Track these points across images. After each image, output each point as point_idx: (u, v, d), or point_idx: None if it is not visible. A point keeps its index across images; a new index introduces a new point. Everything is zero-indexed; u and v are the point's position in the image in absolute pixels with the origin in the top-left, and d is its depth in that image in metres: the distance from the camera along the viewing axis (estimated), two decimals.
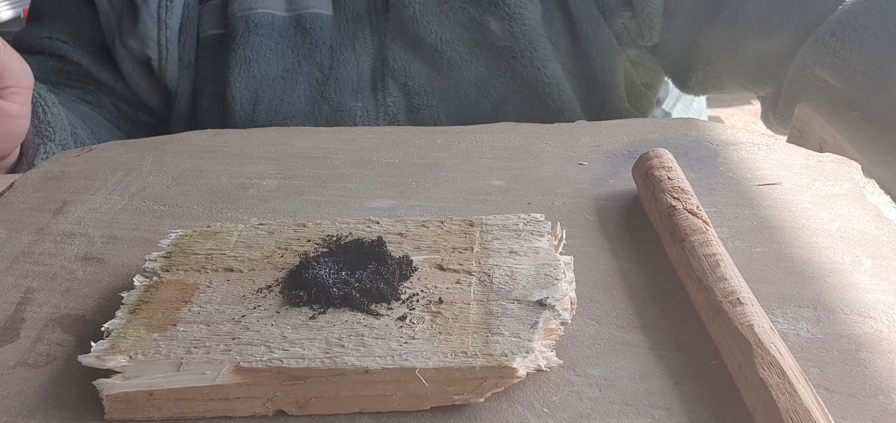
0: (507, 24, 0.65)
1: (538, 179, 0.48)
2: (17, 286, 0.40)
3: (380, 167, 0.50)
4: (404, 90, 0.66)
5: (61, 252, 0.42)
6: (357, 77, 0.66)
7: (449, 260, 0.36)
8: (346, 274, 0.35)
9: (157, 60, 0.66)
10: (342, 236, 0.38)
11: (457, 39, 0.65)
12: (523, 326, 0.31)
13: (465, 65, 0.66)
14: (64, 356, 0.35)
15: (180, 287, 0.35)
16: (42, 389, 0.33)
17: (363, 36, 0.67)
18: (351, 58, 0.66)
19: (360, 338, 0.31)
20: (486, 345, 0.30)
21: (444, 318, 0.32)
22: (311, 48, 0.66)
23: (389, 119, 0.66)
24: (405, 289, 0.34)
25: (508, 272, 0.34)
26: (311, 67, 0.66)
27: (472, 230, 0.38)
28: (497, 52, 0.66)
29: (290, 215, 0.45)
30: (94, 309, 0.38)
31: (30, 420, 0.31)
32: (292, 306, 0.33)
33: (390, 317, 0.32)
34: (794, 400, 0.27)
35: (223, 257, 0.37)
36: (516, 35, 0.65)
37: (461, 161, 0.50)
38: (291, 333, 0.32)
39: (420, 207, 0.45)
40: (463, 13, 0.66)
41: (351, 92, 0.66)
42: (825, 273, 0.37)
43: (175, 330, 0.32)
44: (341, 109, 0.66)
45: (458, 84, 0.66)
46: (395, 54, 0.66)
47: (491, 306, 0.32)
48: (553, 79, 0.66)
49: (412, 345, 0.31)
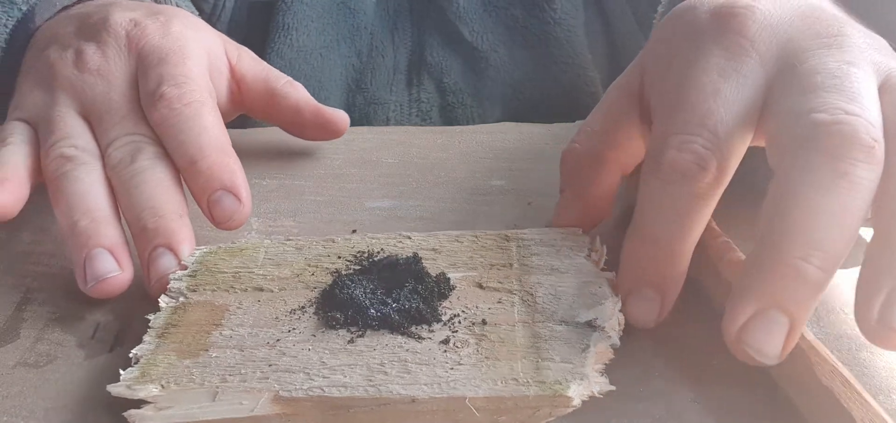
0: (551, 28, 0.64)
1: (538, 179, 0.47)
2: (18, 286, 0.39)
3: (380, 167, 0.49)
4: (440, 87, 0.65)
5: (62, 252, 0.41)
6: (393, 69, 0.65)
7: (488, 278, 0.34)
8: (382, 293, 0.33)
9: (210, 10, 0.64)
10: (373, 251, 0.37)
11: (498, 40, 0.64)
12: (574, 350, 0.30)
13: (503, 66, 0.65)
14: (64, 356, 0.34)
15: (209, 309, 0.34)
16: (42, 389, 0.33)
17: (403, 27, 0.66)
18: (389, 48, 0.65)
19: (404, 364, 0.30)
20: (537, 371, 0.29)
21: (489, 341, 0.31)
22: (351, 31, 0.65)
23: (422, 115, 0.65)
24: (445, 309, 0.33)
25: (552, 291, 0.33)
26: (349, 50, 0.65)
27: (508, 245, 0.37)
28: (537, 56, 0.65)
29: (290, 215, 0.44)
30: (95, 309, 0.37)
31: (30, 420, 0.31)
32: (329, 328, 0.32)
33: (433, 340, 0.31)
34: (867, 410, 0.27)
35: (251, 276, 0.35)
36: (560, 41, 0.64)
37: (461, 161, 0.50)
38: (330, 358, 0.30)
39: (420, 207, 0.45)
40: (506, 13, 0.64)
41: (386, 84, 0.65)
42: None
43: (207, 356, 0.31)
44: (376, 101, 0.65)
45: (494, 84, 0.65)
46: (433, 49, 0.65)
47: (537, 328, 0.31)
48: (590, 87, 0.66)
49: (459, 371, 0.29)
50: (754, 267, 0.29)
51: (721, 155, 0.31)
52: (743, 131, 0.32)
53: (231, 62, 0.48)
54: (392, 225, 0.43)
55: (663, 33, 0.38)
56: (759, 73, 0.33)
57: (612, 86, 0.40)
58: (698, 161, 0.31)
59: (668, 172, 0.32)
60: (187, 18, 0.46)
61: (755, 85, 0.33)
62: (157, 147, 0.40)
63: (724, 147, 0.32)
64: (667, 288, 0.32)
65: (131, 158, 0.39)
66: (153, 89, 0.41)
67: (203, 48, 0.45)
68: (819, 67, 0.32)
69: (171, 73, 0.41)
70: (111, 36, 0.43)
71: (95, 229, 0.37)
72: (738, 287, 0.29)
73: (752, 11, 0.34)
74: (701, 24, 0.35)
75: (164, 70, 0.41)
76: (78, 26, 0.45)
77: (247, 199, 0.39)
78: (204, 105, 0.41)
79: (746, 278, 0.29)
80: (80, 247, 0.36)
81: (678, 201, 0.32)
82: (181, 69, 0.42)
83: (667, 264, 0.32)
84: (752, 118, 0.33)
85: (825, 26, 0.34)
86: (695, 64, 0.34)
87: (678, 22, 0.37)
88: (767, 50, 0.33)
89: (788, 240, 0.28)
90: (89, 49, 0.43)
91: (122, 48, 0.43)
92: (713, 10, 0.35)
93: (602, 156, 0.38)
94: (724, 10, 0.35)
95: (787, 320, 0.28)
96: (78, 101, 0.42)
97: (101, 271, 0.36)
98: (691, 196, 0.31)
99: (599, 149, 0.38)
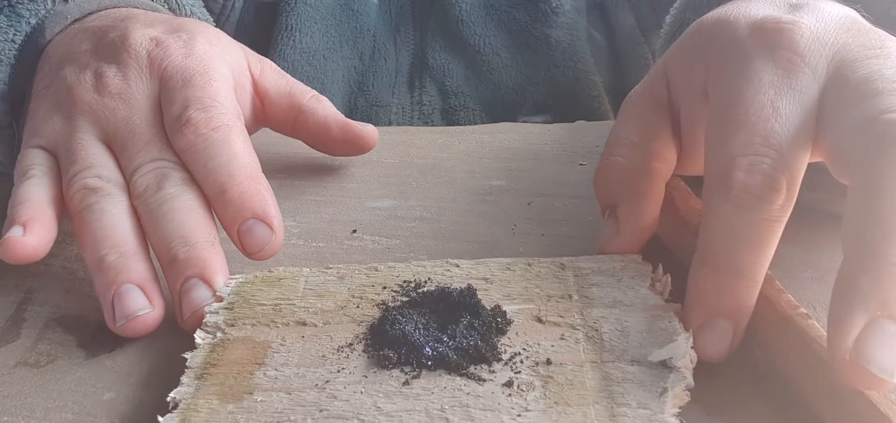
0: (554, 31, 0.64)
1: (538, 179, 0.47)
2: (18, 286, 0.39)
3: (380, 167, 0.49)
4: (441, 90, 0.65)
5: (62, 252, 0.41)
6: (395, 71, 0.65)
7: (547, 311, 0.32)
8: (435, 329, 0.31)
9: (219, 11, 0.62)
10: (421, 281, 0.35)
11: (500, 43, 0.64)
12: (650, 394, 0.28)
13: (505, 69, 0.64)
14: (65, 355, 0.34)
15: (250, 346, 0.31)
16: (42, 389, 0.33)
17: (405, 29, 0.65)
18: (391, 51, 0.65)
19: (466, 410, 0.27)
20: (612, 419, 0.27)
21: (556, 384, 0.28)
22: (354, 33, 0.64)
23: (424, 118, 0.65)
24: (505, 347, 0.30)
25: (618, 327, 0.31)
26: (351, 53, 0.64)
27: (564, 274, 0.35)
28: (538, 61, 0.65)
29: (291, 215, 0.43)
30: (96, 309, 0.36)
31: (30, 420, 0.31)
32: (381, 368, 0.30)
33: (494, 382, 0.29)
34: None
35: (293, 309, 0.33)
36: (562, 45, 0.64)
37: (461, 161, 0.49)
38: (385, 402, 0.28)
39: (420, 207, 0.45)
40: (509, 17, 0.64)
41: (388, 87, 0.64)
42: (824, 273, 0.37)
43: (252, 400, 0.29)
44: (378, 103, 0.64)
45: (496, 88, 0.65)
46: (435, 52, 0.65)
47: (607, 369, 0.29)
48: (593, 91, 0.65)
49: (527, 419, 0.27)
50: (854, 276, 0.27)
51: (790, 175, 0.30)
52: (804, 148, 0.31)
53: (254, 76, 0.46)
54: (392, 225, 0.43)
55: (691, 44, 0.37)
56: (813, 88, 0.32)
57: (635, 95, 0.39)
58: (770, 183, 0.30)
59: (740, 196, 0.30)
60: (210, 34, 0.44)
61: (811, 100, 0.32)
62: (183, 173, 0.38)
63: (791, 166, 0.31)
64: (742, 317, 0.31)
65: (158, 186, 0.37)
66: (179, 114, 0.38)
67: (227, 66, 0.43)
68: (875, 75, 0.31)
69: (197, 95, 0.39)
70: (132, 57, 0.41)
71: (124, 264, 0.35)
72: (840, 302, 0.27)
73: (798, 26, 0.33)
74: (742, 39, 0.34)
75: (190, 93, 0.39)
76: (94, 44, 0.43)
77: (279, 227, 0.37)
78: (232, 130, 0.39)
79: (847, 290, 0.27)
80: (108, 284, 0.34)
81: (754, 227, 0.30)
82: (207, 91, 0.39)
83: (746, 293, 0.30)
84: (810, 134, 0.32)
85: (869, 38, 0.34)
86: (748, 81, 0.32)
87: (712, 35, 0.36)
88: (818, 64, 0.33)
89: (888, 240, 0.27)
90: (109, 72, 0.41)
91: (143, 69, 0.41)
92: (755, 25, 0.34)
93: (650, 168, 0.37)
94: (769, 24, 0.34)
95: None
96: (99, 127, 0.40)
97: (131, 308, 0.34)
98: (767, 220, 0.30)
99: (646, 161, 0.37)
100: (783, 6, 0.35)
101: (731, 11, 0.36)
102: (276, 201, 0.37)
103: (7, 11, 0.46)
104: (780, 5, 0.35)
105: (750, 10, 0.35)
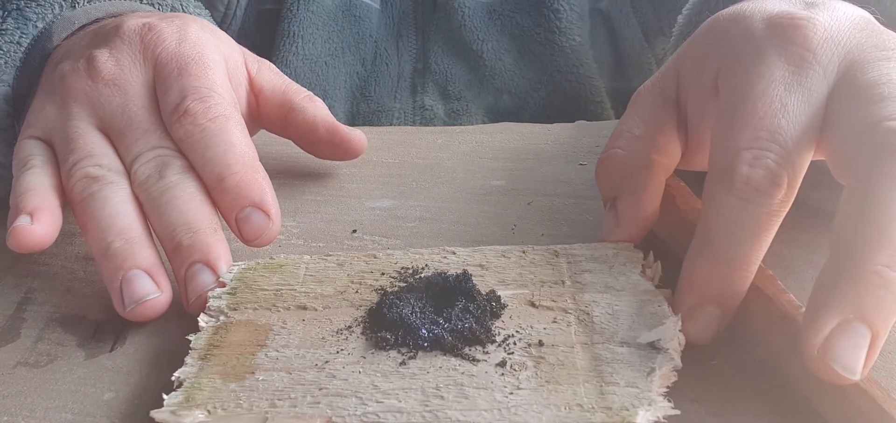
0: (556, 37, 0.64)
1: (538, 179, 0.47)
2: (18, 286, 0.39)
3: (380, 167, 0.49)
4: (444, 94, 0.65)
5: (62, 252, 0.41)
6: (397, 76, 0.65)
7: (540, 296, 0.33)
8: (432, 312, 0.32)
9: (221, 18, 0.63)
10: (418, 267, 0.36)
11: (503, 48, 0.64)
12: (638, 374, 0.29)
13: (507, 74, 0.64)
14: (64, 355, 0.34)
15: (252, 328, 0.32)
16: (42, 389, 0.33)
17: (407, 34, 0.65)
18: (393, 56, 0.65)
19: (460, 388, 0.28)
20: (601, 397, 0.28)
21: (548, 364, 0.29)
22: (356, 38, 0.64)
23: (426, 123, 0.65)
24: (498, 329, 0.31)
25: (609, 310, 0.32)
26: (353, 58, 0.64)
27: (557, 261, 0.35)
28: (542, 66, 0.64)
29: (291, 215, 0.44)
30: (95, 309, 0.37)
31: (30, 420, 0.31)
32: (378, 349, 0.31)
33: (488, 362, 0.30)
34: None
35: (293, 294, 0.34)
36: (565, 51, 0.64)
37: (461, 161, 0.50)
38: (382, 381, 0.29)
39: (420, 206, 0.45)
40: (511, 22, 0.64)
41: (390, 92, 0.65)
42: None
43: (254, 379, 0.30)
44: (380, 108, 0.65)
45: (498, 93, 0.65)
46: (437, 57, 0.65)
47: (597, 350, 0.30)
48: (595, 97, 0.65)
49: (519, 396, 0.28)
50: (834, 277, 0.28)
51: (792, 171, 0.31)
52: (809, 146, 0.32)
53: (250, 73, 0.46)
54: (392, 225, 0.43)
55: (704, 40, 0.38)
56: (823, 86, 0.33)
57: (644, 90, 0.39)
58: (772, 178, 0.31)
59: (742, 188, 0.31)
60: (203, 23, 0.44)
61: (819, 99, 0.32)
62: (183, 160, 0.38)
63: (794, 162, 0.31)
64: (732, 304, 0.32)
65: (159, 174, 0.37)
66: (176, 104, 0.39)
67: (221, 54, 0.43)
68: (882, 78, 0.31)
69: (194, 85, 0.39)
70: (124, 42, 0.41)
71: (130, 251, 0.35)
72: (817, 299, 0.28)
73: (812, 22, 0.34)
74: (757, 33, 0.35)
75: (186, 82, 0.40)
76: (91, 39, 0.44)
77: (276, 215, 0.38)
78: (229, 119, 0.39)
79: (825, 288, 0.28)
80: (115, 270, 0.35)
81: (754, 220, 0.31)
82: (204, 81, 0.40)
83: (739, 282, 0.31)
84: (815, 132, 0.32)
85: (882, 39, 0.34)
86: (758, 76, 0.33)
87: (727, 30, 0.36)
88: (829, 62, 0.33)
89: (872, 247, 0.27)
90: (101, 56, 0.41)
91: (136, 55, 0.41)
92: (770, 20, 0.35)
93: (651, 161, 0.37)
94: (784, 20, 0.34)
95: (869, 333, 0.27)
96: (94, 114, 0.40)
97: (139, 293, 0.34)
98: (767, 214, 0.31)
99: (647, 154, 0.37)
100: (799, 3, 0.35)
101: (747, 7, 0.36)
102: (274, 189, 0.38)
103: (15, 14, 0.47)
104: (796, 2, 0.35)
105: (766, 6, 0.35)
